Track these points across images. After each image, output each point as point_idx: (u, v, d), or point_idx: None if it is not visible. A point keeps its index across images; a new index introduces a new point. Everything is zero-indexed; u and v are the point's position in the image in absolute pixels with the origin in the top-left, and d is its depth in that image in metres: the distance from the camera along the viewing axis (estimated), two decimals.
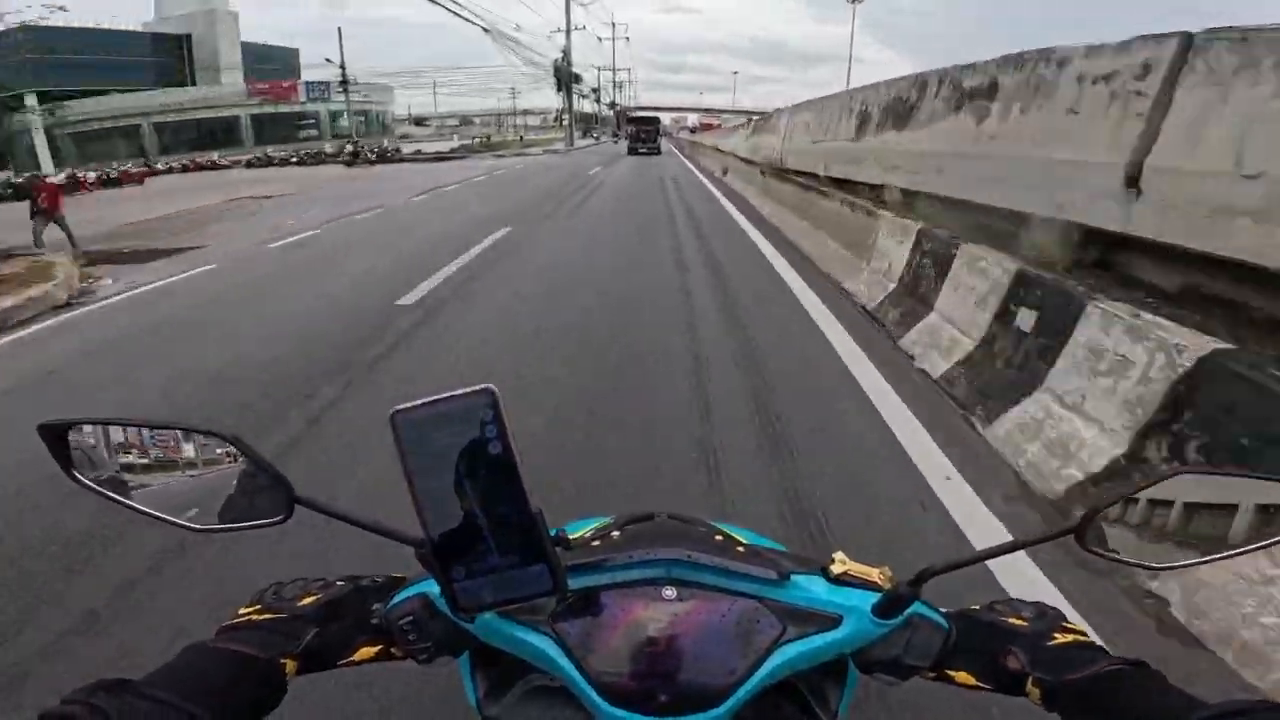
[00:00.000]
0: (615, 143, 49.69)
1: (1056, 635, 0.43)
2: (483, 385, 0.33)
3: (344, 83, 34.50)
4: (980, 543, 1.66)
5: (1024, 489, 1.90)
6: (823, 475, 1.99)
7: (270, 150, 33.28)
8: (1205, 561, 0.40)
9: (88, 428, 0.42)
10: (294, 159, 30.32)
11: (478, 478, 0.34)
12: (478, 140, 47.40)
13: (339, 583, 0.47)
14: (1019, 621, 0.45)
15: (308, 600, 0.45)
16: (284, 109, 40.17)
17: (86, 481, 0.42)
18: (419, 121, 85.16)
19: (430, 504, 0.35)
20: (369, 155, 27.85)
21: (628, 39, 76.35)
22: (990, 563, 1.63)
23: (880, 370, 2.84)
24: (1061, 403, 1.98)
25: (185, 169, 28.22)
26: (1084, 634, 0.43)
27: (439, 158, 30.88)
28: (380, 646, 0.45)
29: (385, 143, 33.97)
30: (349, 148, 30.09)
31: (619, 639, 0.42)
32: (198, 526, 0.42)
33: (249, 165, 28.89)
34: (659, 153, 30.36)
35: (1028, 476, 1.93)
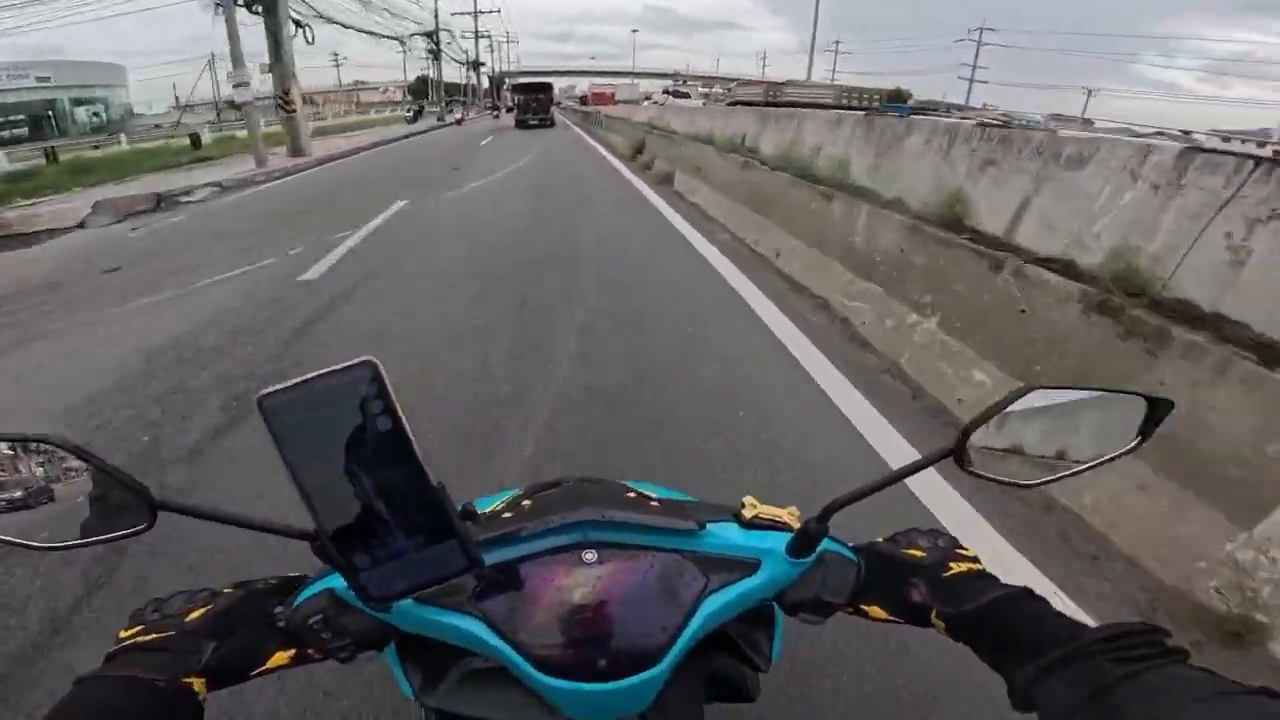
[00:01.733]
0: (496, 117, 43.55)
1: (952, 565, 0.55)
2: (362, 358, 0.37)
3: None
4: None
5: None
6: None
7: None
8: (1068, 475, 0.55)
9: None
10: None
11: (368, 458, 0.38)
12: None
13: (227, 590, 0.52)
14: (917, 553, 0.57)
15: (196, 614, 0.49)
16: None
17: None
18: (233, 105, 73.33)
19: (319, 492, 0.38)
20: None
21: None
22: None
23: None
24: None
25: None
26: (976, 561, 0.56)
27: None
28: (294, 650, 0.50)
29: None
30: None
31: (546, 610, 0.49)
32: (50, 545, 0.45)
33: None
34: (551, 124, 29.36)
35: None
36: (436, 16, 46.29)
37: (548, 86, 33.71)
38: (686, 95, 47.56)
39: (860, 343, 3.75)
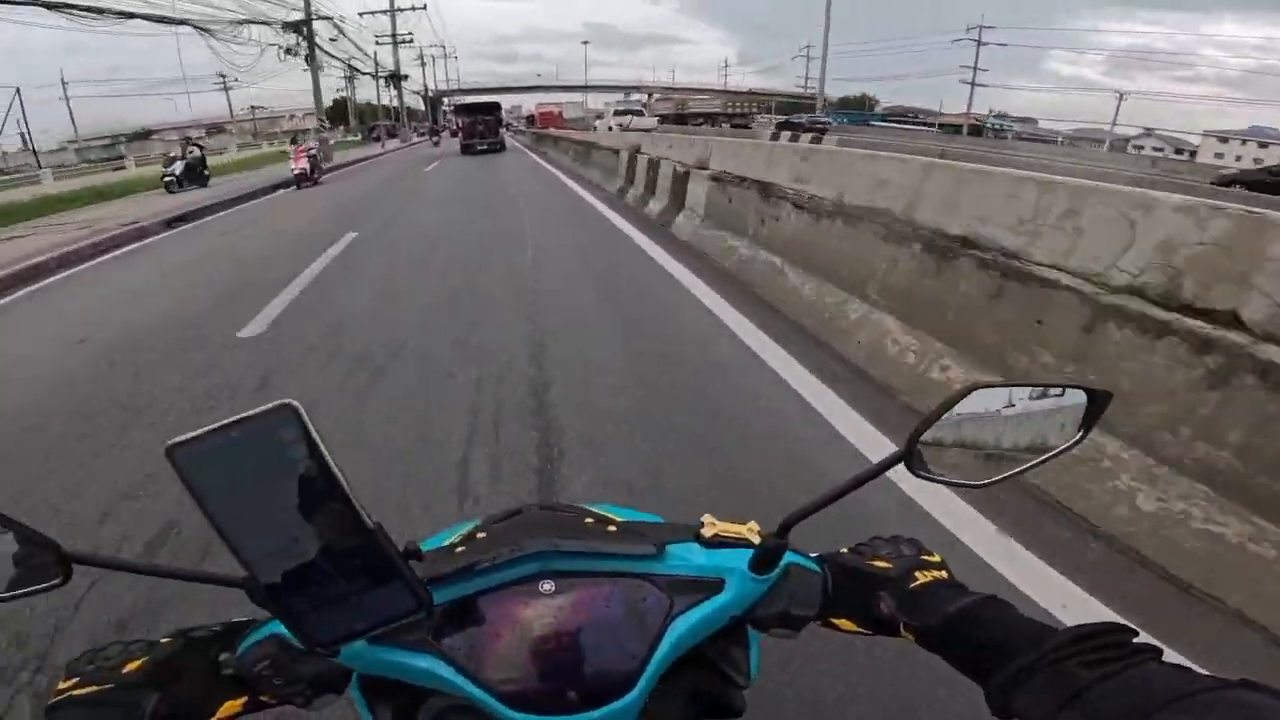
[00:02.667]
0: (435, 144, 37.11)
1: (918, 575, 0.56)
2: (282, 401, 0.37)
3: None
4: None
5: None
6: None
7: None
8: (1018, 473, 0.56)
9: None
10: None
11: (298, 504, 0.38)
12: None
13: (164, 640, 0.51)
14: (883, 564, 0.59)
15: (134, 665, 0.49)
16: None
17: None
18: (143, 135, 61.56)
19: (248, 541, 0.38)
20: None
21: None
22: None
23: None
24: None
25: None
26: (941, 568, 0.59)
27: None
28: (245, 698, 0.50)
29: None
30: None
31: (508, 644, 0.49)
32: None
33: None
34: (501, 149, 26.53)
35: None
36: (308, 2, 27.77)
37: (494, 106, 29.85)
38: (640, 114, 44.44)
39: None
